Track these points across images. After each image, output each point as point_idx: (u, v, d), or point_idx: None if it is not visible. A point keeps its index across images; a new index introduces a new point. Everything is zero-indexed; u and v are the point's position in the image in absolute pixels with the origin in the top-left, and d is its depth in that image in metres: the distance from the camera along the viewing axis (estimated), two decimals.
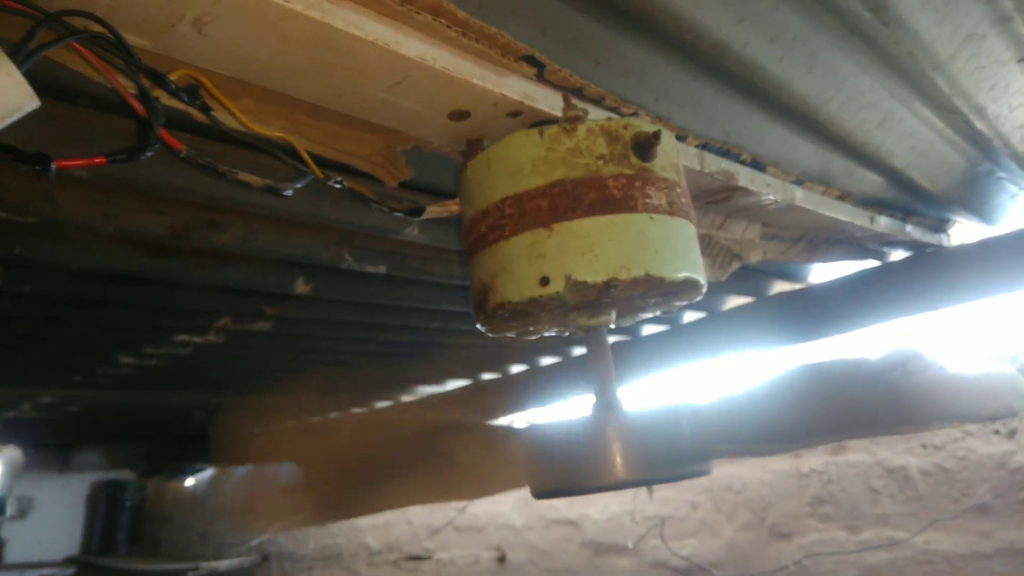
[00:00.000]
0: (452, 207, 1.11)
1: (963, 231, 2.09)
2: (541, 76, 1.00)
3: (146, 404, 3.24)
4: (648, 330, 2.79)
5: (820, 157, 1.43)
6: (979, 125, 1.40)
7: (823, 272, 2.38)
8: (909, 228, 1.90)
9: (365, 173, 1.13)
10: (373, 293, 1.82)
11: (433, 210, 1.10)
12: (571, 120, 0.98)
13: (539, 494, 1.06)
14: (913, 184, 1.62)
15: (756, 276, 2.33)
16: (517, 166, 0.99)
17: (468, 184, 1.06)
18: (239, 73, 0.86)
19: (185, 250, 1.48)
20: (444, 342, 2.46)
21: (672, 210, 1.00)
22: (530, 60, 0.96)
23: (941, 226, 2.03)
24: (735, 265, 1.71)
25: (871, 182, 1.60)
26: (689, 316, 2.66)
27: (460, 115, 1.01)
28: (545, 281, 0.96)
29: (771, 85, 1.13)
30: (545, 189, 0.98)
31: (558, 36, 0.96)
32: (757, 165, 1.38)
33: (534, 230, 0.97)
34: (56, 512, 5.81)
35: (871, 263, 2.19)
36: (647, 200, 0.98)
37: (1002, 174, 1.71)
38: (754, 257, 1.72)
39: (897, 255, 2.16)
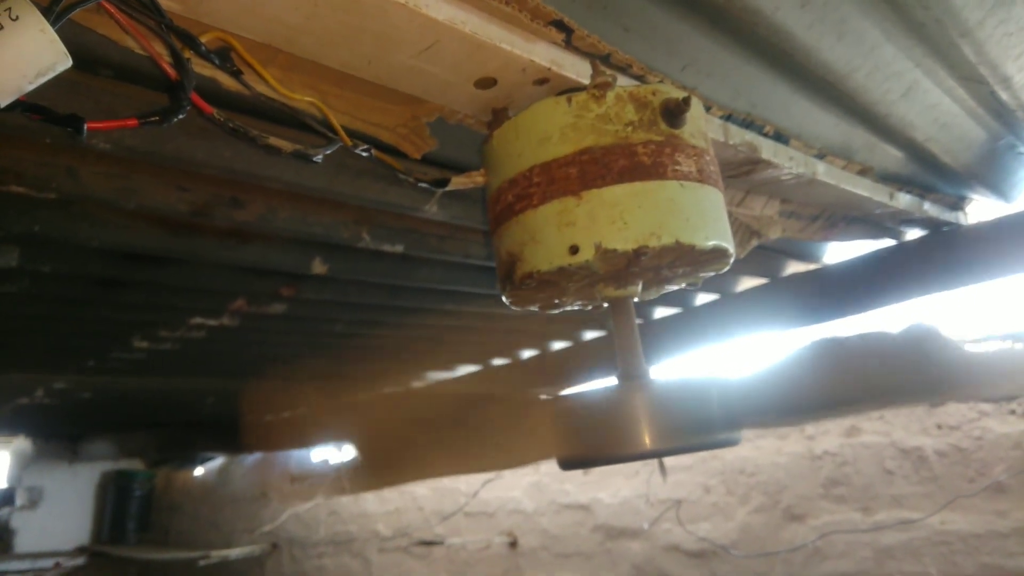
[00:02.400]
0: (477, 178, 1.10)
1: (980, 209, 2.08)
2: (569, 42, 0.99)
3: (158, 390, 3.25)
4: (660, 312, 2.78)
5: (842, 130, 1.42)
6: (1004, 96, 1.38)
7: (838, 252, 2.36)
8: (927, 205, 1.89)
9: (388, 146, 1.12)
10: (390, 273, 1.82)
11: (458, 180, 1.09)
12: (600, 86, 0.98)
13: (566, 464, 1.06)
14: (934, 159, 1.61)
15: (770, 256, 2.32)
16: (545, 134, 0.99)
17: (494, 153, 1.05)
18: (268, 38, 0.85)
19: (205, 228, 1.48)
20: (459, 324, 2.46)
21: (702, 177, 0.99)
22: (559, 25, 0.95)
23: (959, 203, 2.02)
24: (754, 242, 1.71)
25: (892, 157, 1.59)
26: (702, 298, 2.66)
27: (487, 83, 1.00)
28: (575, 250, 0.95)
29: (799, 53, 1.11)
30: (574, 157, 0.97)
31: (587, 0, 0.95)
32: (780, 138, 1.37)
33: (563, 198, 0.97)
34: (66, 502, 5.85)
35: (887, 243, 2.18)
36: (677, 167, 0.97)
37: (1023, 149, 1.70)
38: (773, 234, 1.71)
39: (913, 234, 2.15)
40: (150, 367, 2.67)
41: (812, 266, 2.40)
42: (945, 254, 2.10)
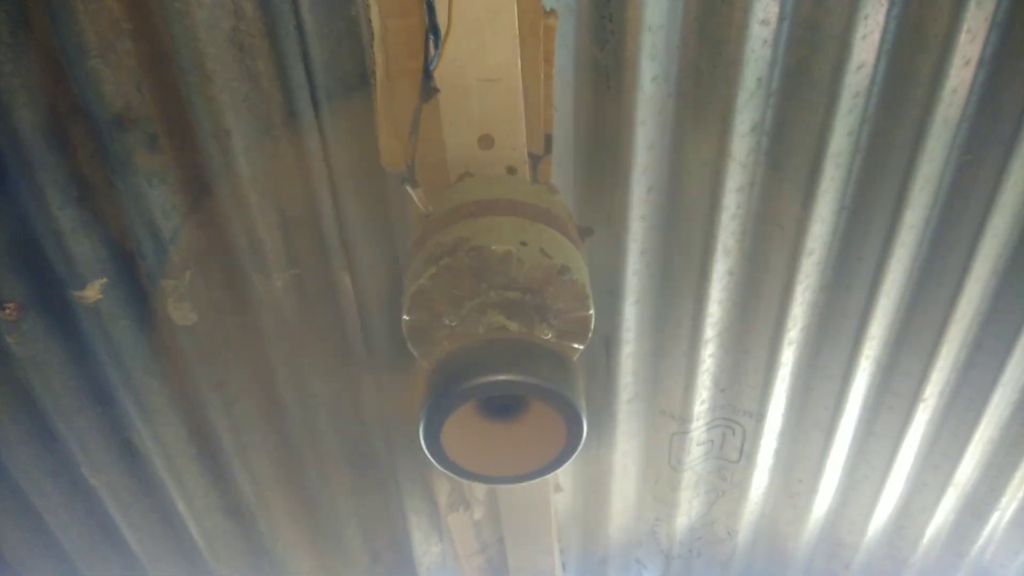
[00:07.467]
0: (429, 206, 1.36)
1: None
2: None
3: None
4: None
5: None
6: None
7: None
8: None
9: None
10: None
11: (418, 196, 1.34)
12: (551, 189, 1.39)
13: None
14: None
15: None
16: (514, 188, 1.35)
17: (459, 191, 1.35)
18: None
19: None
20: None
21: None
22: None
23: None
24: None
25: None
26: None
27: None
28: (524, 243, 1.23)
29: None
30: (532, 203, 1.33)
31: None
32: None
33: (521, 218, 1.29)
34: None
35: None
36: (574, 239, 1.36)
37: None
38: None
39: None
40: None
41: None
42: None
